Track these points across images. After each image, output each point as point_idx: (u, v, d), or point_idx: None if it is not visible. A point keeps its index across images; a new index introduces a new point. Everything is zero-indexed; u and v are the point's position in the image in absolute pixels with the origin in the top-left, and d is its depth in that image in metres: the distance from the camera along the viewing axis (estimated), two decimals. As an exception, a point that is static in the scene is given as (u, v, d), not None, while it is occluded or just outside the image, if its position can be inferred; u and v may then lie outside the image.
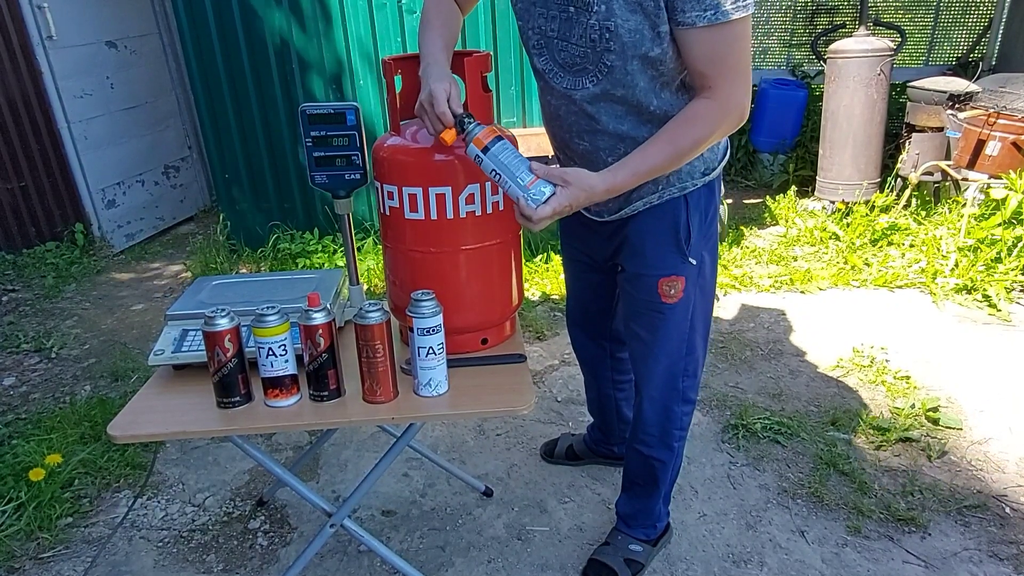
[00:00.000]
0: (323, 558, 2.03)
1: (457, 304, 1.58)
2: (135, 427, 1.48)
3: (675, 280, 1.63)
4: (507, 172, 1.36)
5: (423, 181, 1.50)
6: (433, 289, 1.47)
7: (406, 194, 1.53)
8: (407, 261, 1.62)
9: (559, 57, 1.48)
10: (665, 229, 1.60)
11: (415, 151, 1.52)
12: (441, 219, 1.53)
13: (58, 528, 2.20)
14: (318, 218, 4.29)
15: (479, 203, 1.54)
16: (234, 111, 4.07)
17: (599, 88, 1.46)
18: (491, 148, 1.38)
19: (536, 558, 2.03)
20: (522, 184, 1.35)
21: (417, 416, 1.52)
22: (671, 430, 1.82)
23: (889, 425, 2.49)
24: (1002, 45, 5.43)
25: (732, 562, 1.99)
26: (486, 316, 1.67)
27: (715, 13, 1.30)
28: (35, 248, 4.47)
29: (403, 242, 1.60)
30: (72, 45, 4.29)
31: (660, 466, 1.88)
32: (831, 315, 3.37)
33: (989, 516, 2.12)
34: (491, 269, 1.64)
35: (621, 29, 1.35)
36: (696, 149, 1.45)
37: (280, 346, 1.43)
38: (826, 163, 4.50)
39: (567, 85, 1.50)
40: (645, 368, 1.77)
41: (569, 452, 2.39)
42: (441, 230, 1.54)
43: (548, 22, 1.47)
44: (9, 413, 2.83)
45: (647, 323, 1.70)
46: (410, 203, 1.53)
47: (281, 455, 2.55)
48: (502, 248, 1.62)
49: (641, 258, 1.65)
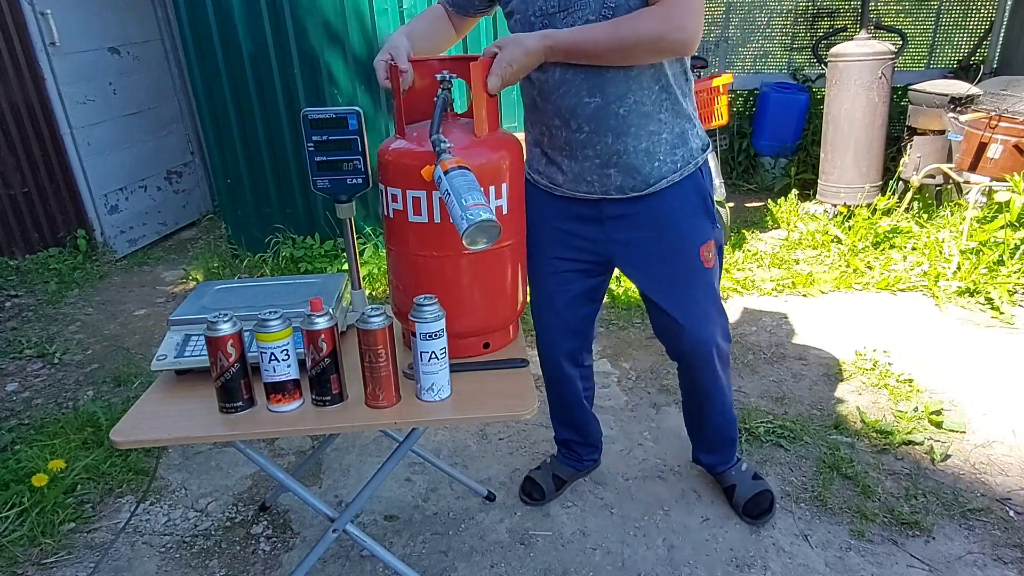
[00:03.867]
0: (326, 563, 2.03)
1: (460, 308, 1.58)
2: (138, 432, 1.48)
3: (710, 244, 1.79)
4: (455, 194, 1.37)
5: (427, 185, 1.50)
6: (436, 293, 1.47)
7: (410, 197, 1.53)
8: (410, 265, 1.62)
9: (564, 25, 1.56)
10: (695, 200, 1.74)
11: (419, 154, 1.52)
12: (444, 223, 1.52)
13: (61, 534, 2.20)
14: (320, 223, 4.30)
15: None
16: (236, 116, 4.08)
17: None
18: (450, 172, 1.39)
19: (539, 563, 2.03)
20: (463, 205, 1.35)
21: (420, 421, 1.52)
22: (728, 372, 2.03)
23: (892, 428, 2.49)
24: (1003, 48, 5.43)
25: (735, 566, 1.99)
26: (489, 321, 1.67)
27: None
28: (38, 254, 4.48)
29: (407, 245, 1.60)
30: (75, 51, 4.31)
31: (732, 408, 2.12)
32: (833, 318, 3.36)
33: (993, 519, 2.11)
34: (494, 273, 1.64)
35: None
36: (635, 45, 1.49)
37: (283, 351, 1.43)
38: (828, 166, 4.50)
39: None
40: (704, 334, 1.87)
41: (556, 482, 2.26)
42: (444, 234, 1.53)
43: (547, 3, 1.56)
44: (12, 419, 2.83)
45: (693, 294, 1.83)
46: (414, 206, 1.53)
47: (284, 460, 2.55)
48: (505, 252, 1.62)
49: (677, 232, 1.75)
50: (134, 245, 4.80)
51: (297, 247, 4.21)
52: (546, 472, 2.27)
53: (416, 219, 1.54)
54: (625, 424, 2.63)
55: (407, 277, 1.64)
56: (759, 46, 5.88)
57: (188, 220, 5.31)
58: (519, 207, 1.66)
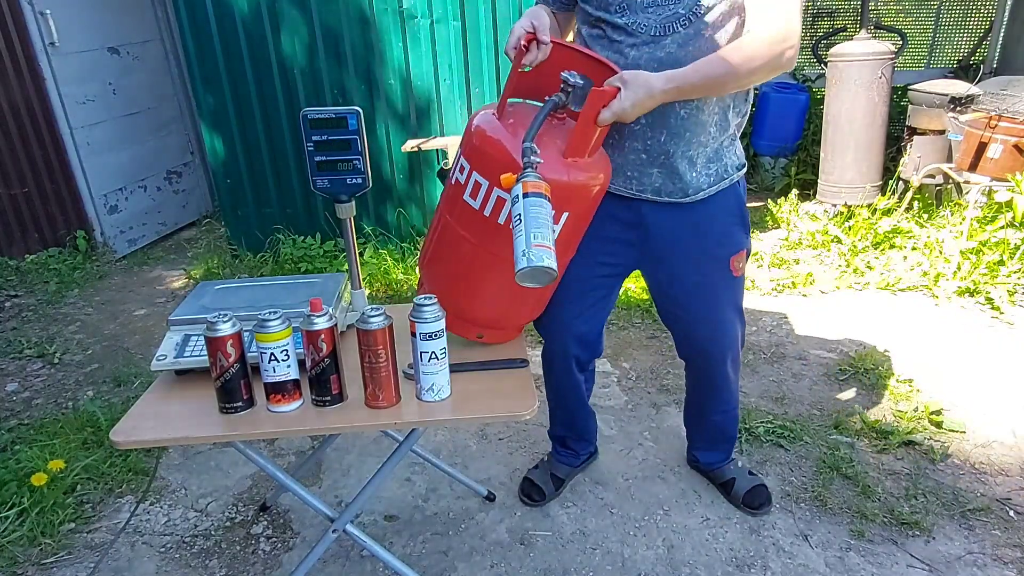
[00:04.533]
0: (326, 563, 2.03)
1: (475, 299, 1.57)
2: (137, 433, 1.48)
3: (741, 254, 1.84)
4: (527, 224, 1.33)
5: (494, 179, 1.45)
6: (460, 273, 1.45)
7: (474, 179, 1.49)
8: (446, 233, 1.59)
9: (644, 13, 1.56)
10: (733, 210, 1.78)
11: (502, 149, 1.46)
12: (493, 219, 1.50)
13: (61, 534, 2.20)
14: (320, 223, 4.30)
15: None
16: (236, 116, 4.08)
17: (692, 29, 1.54)
18: (529, 197, 1.34)
19: (539, 563, 2.03)
20: (529, 242, 1.31)
21: (419, 421, 1.52)
22: (738, 375, 2.07)
23: (892, 428, 2.49)
24: (1003, 48, 5.43)
25: (736, 566, 1.99)
26: (498, 321, 1.66)
27: None
28: (38, 254, 4.48)
29: (452, 215, 1.58)
30: (74, 51, 4.31)
31: (737, 407, 2.16)
32: (833, 318, 3.36)
33: (993, 520, 2.11)
34: (512, 287, 1.61)
35: None
36: (753, 73, 1.51)
37: (282, 351, 1.43)
38: (828, 166, 4.50)
39: (655, 32, 1.56)
40: (723, 340, 1.92)
41: (555, 481, 2.25)
42: (487, 229, 1.51)
43: None
44: (12, 419, 2.83)
45: (719, 301, 1.87)
46: (473, 189, 1.50)
47: (284, 460, 2.55)
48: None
49: (715, 239, 1.79)
50: (134, 245, 4.80)
51: (297, 247, 4.20)
52: (544, 472, 2.27)
53: (469, 200, 1.51)
54: (625, 424, 2.63)
55: (439, 244, 1.62)
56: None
57: (188, 220, 5.30)
58: (575, 239, 1.64)
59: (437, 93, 4.05)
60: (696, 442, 2.29)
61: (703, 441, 2.26)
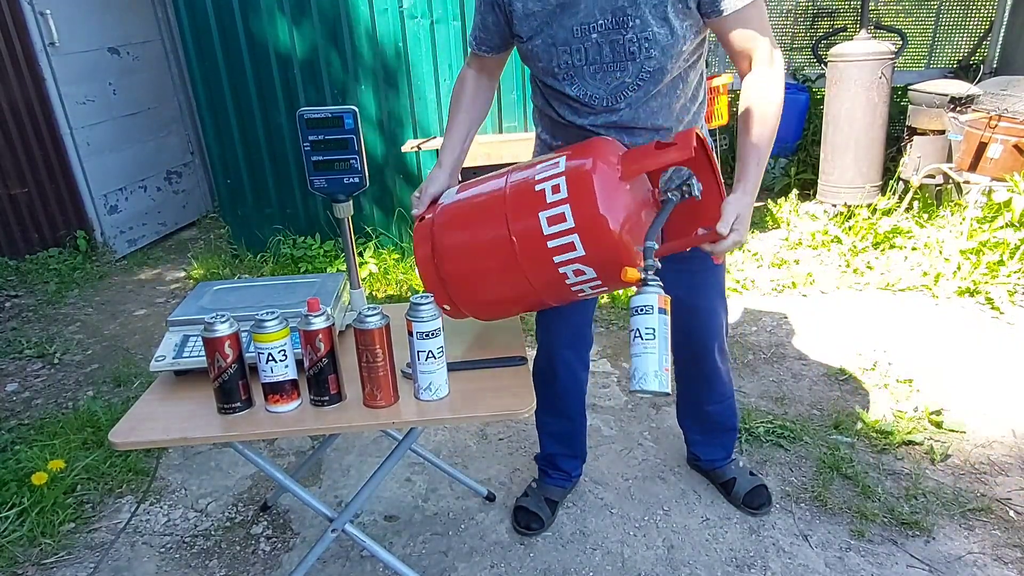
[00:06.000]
0: (325, 564, 2.03)
1: (475, 288, 1.53)
2: (136, 434, 1.48)
3: None
4: (661, 343, 1.31)
5: (586, 227, 1.35)
6: (476, 262, 1.44)
7: (565, 210, 1.37)
8: (491, 226, 1.47)
9: (594, 79, 1.58)
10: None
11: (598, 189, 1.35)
12: (549, 250, 1.40)
13: (61, 534, 2.20)
14: (320, 223, 4.30)
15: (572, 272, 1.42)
16: (236, 116, 4.08)
17: (640, 92, 1.58)
18: (664, 314, 1.32)
19: (539, 563, 2.02)
20: (662, 364, 1.30)
21: (418, 421, 1.52)
22: (727, 367, 2.09)
23: (892, 428, 2.49)
24: (1003, 48, 5.43)
25: (735, 566, 1.98)
26: (482, 311, 1.63)
27: None
28: (38, 254, 4.48)
29: (512, 214, 1.44)
30: (75, 51, 4.31)
31: (733, 400, 2.17)
32: (833, 318, 3.36)
33: (993, 520, 2.11)
34: (516, 300, 1.57)
35: (658, 35, 1.49)
36: (779, 116, 1.56)
37: (280, 351, 1.43)
38: (828, 166, 4.50)
39: (607, 103, 1.60)
40: (713, 326, 1.93)
41: (550, 505, 2.18)
42: (538, 250, 1.41)
43: (573, 55, 1.56)
44: (12, 419, 2.83)
45: (708, 290, 1.91)
46: (556, 216, 1.38)
47: (283, 460, 2.55)
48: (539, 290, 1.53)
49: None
50: (134, 245, 4.80)
51: (297, 247, 4.21)
52: (536, 498, 2.18)
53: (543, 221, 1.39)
54: (625, 424, 2.63)
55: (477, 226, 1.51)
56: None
57: (188, 220, 5.31)
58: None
59: (437, 93, 4.06)
60: (695, 439, 2.27)
61: (702, 436, 2.24)
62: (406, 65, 3.99)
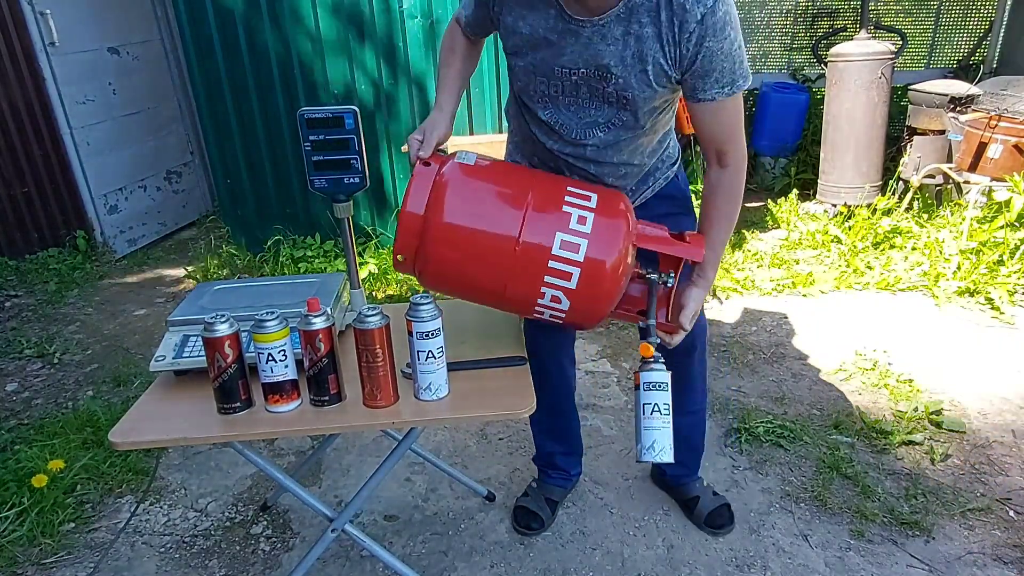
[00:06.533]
0: (325, 563, 2.03)
1: (448, 262, 1.48)
2: (136, 434, 1.48)
3: None
4: (670, 418, 1.46)
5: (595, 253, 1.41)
6: (475, 234, 1.42)
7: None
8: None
9: (568, 110, 1.58)
10: (680, 201, 1.81)
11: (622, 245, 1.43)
12: (546, 267, 1.41)
13: (60, 534, 2.20)
14: (320, 223, 4.30)
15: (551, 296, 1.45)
16: (236, 116, 4.08)
17: (610, 135, 1.58)
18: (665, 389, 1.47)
19: (539, 562, 2.02)
20: (670, 438, 1.46)
21: (417, 421, 1.52)
22: (703, 383, 2.06)
23: (892, 428, 2.49)
24: (1003, 48, 5.43)
25: (735, 566, 1.98)
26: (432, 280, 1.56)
27: (731, 88, 1.45)
28: (37, 254, 4.48)
29: (528, 225, 1.42)
30: (74, 51, 4.31)
31: (703, 415, 2.13)
32: (833, 318, 3.36)
33: (993, 519, 2.11)
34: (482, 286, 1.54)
35: (637, 95, 1.49)
36: (739, 209, 1.65)
37: (280, 351, 1.43)
38: (828, 166, 4.50)
39: (575, 136, 1.60)
40: (694, 330, 1.87)
41: (551, 504, 2.19)
42: (540, 263, 1.42)
43: (550, 86, 1.56)
44: (12, 419, 2.83)
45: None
46: (569, 243, 1.41)
47: (283, 460, 2.55)
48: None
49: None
50: (134, 245, 4.80)
51: (297, 247, 4.21)
52: (536, 498, 2.18)
53: (558, 246, 1.40)
54: (625, 424, 2.63)
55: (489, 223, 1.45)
56: (759, 46, 5.87)
57: (188, 220, 5.30)
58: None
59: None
60: None
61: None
62: (406, 65, 3.98)
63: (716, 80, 1.44)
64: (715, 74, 1.43)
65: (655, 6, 1.39)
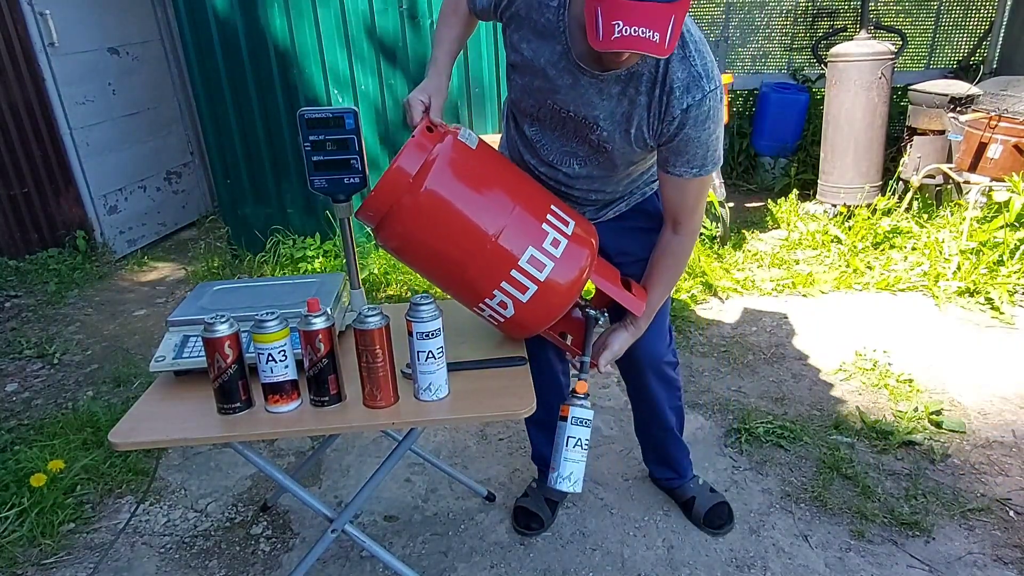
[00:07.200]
0: (325, 564, 2.03)
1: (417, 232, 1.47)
2: (136, 434, 1.47)
3: None
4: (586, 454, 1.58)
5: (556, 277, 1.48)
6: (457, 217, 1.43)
7: (553, 238, 1.48)
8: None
9: (552, 135, 1.62)
10: (653, 217, 1.78)
11: (583, 278, 1.52)
12: (514, 266, 1.45)
13: (60, 534, 2.20)
14: (320, 223, 4.30)
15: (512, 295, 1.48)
16: (236, 116, 4.08)
17: (585, 170, 1.65)
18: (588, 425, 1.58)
19: (539, 563, 2.02)
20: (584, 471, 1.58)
21: (417, 421, 1.52)
22: (674, 395, 2.08)
23: (892, 429, 2.49)
24: (1003, 48, 5.43)
25: (735, 567, 1.98)
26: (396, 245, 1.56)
27: (700, 170, 1.53)
28: (37, 254, 4.48)
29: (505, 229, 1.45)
30: (74, 52, 4.31)
31: (678, 433, 2.15)
32: (833, 319, 3.36)
33: (993, 520, 2.11)
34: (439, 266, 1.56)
35: (616, 149, 1.56)
36: (681, 273, 1.80)
37: (280, 352, 1.43)
38: (828, 167, 4.50)
39: (553, 160, 1.65)
40: (645, 347, 1.88)
41: (550, 505, 2.18)
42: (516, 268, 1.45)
43: (540, 110, 1.59)
44: (12, 419, 2.83)
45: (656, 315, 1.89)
46: (552, 243, 1.48)
47: (283, 460, 2.55)
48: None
49: (641, 245, 1.77)
50: (133, 245, 4.80)
51: (297, 247, 4.20)
52: (536, 498, 2.18)
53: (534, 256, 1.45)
54: (625, 424, 2.63)
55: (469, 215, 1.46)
56: (759, 46, 5.87)
57: (188, 220, 5.30)
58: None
59: (437, 93, 4.05)
60: (648, 457, 2.26)
61: (651, 452, 2.23)
62: (407, 65, 3.98)
63: (687, 161, 1.52)
64: (687, 156, 1.51)
65: (652, 79, 1.45)
